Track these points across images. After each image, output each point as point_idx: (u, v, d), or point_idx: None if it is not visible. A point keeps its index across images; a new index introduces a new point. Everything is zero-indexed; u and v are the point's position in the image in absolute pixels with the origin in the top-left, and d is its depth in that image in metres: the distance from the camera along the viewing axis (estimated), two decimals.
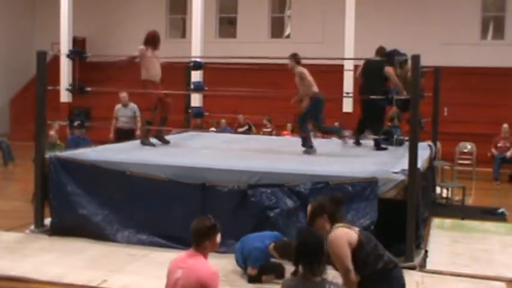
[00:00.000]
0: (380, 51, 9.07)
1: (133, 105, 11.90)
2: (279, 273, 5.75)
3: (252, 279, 5.78)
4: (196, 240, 3.87)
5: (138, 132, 11.54)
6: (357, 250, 3.83)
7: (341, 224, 3.95)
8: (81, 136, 11.15)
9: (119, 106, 11.90)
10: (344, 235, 3.86)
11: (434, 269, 6.20)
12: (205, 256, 3.87)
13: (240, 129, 15.10)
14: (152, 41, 8.65)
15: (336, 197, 4.17)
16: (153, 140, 8.90)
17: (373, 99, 8.44)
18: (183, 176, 6.91)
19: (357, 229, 4.01)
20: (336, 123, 14.73)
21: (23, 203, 9.07)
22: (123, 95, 11.82)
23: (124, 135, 11.16)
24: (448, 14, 17.82)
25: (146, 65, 8.54)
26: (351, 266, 3.78)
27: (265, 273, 5.80)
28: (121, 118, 11.79)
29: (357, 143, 9.43)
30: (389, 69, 8.67)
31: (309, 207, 4.09)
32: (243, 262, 5.92)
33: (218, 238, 3.93)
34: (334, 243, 3.82)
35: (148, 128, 8.93)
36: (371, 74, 8.94)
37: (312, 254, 3.61)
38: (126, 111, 11.83)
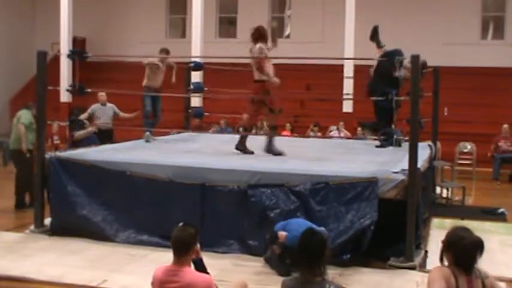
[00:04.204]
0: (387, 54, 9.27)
1: (111, 105, 11.48)
2: (283, 269, 5.75)
3: (272, 237, 5.88)
4: (182, 251, 3.71)
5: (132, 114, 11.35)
6: None
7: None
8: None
9: (97, 105, 11.37)
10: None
11: None
12: (190, 265, 3.78)
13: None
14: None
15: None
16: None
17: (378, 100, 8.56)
18: (183, 176, 6.91)
19: None
20: (341, 123, 14.78)
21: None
22: (102, 93, 11.37)
23: (104, 135, 10.77)
24: (448, 14, 17.83)
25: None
26: None
27: (283, 251, 5.80)
28: (102, 118, 11.28)
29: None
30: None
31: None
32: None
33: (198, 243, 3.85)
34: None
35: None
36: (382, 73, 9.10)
37: (313, 255, 3.60)
38: (106, 111, 11.38)
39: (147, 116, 9.98)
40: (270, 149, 7.99)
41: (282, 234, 5.84)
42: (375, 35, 9.53)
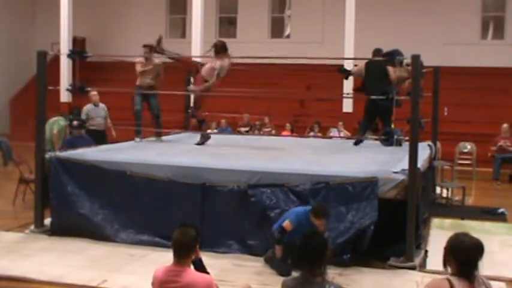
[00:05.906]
0: (376, 52, 9.34)
1: (103, 105, 11.26)
2: (283, 269, 5.76)
3: (279, 235, 5.87)
4: (182, 253, 3.70)
5: (113, 133, 11.29)
6: None
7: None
8: (78, 135, 10.94)
9: (90, 106, 11.11)
10: None
11: (434, 269, 6.17)
12: (189, 266, 3.77)
13: (243, 129, 15.09)
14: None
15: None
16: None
17: (379, 100, 8.60)
18: (183, 176, 6.91)
19: None
20: (340, 123, 14.79)
21: (22, 203, 9.10)
22: (94, 93, 11.02)
23: (98, 136, 10.56)
24: (448, 14, 17.83)
25: None
26: None
27: (284, 249, 5.81)
28: (96, 119, 11.05)
29: (358, 143, 9.53)
30: (389, 68, 8.94)
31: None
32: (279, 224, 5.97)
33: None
34: None
35: None
36: (374, 74, 9.18)
37: (314, 255, 3.59)
38: (99, 111, 11.15)
39: (134, 114, 9.77)
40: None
41: (287, 223, 5.86)
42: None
